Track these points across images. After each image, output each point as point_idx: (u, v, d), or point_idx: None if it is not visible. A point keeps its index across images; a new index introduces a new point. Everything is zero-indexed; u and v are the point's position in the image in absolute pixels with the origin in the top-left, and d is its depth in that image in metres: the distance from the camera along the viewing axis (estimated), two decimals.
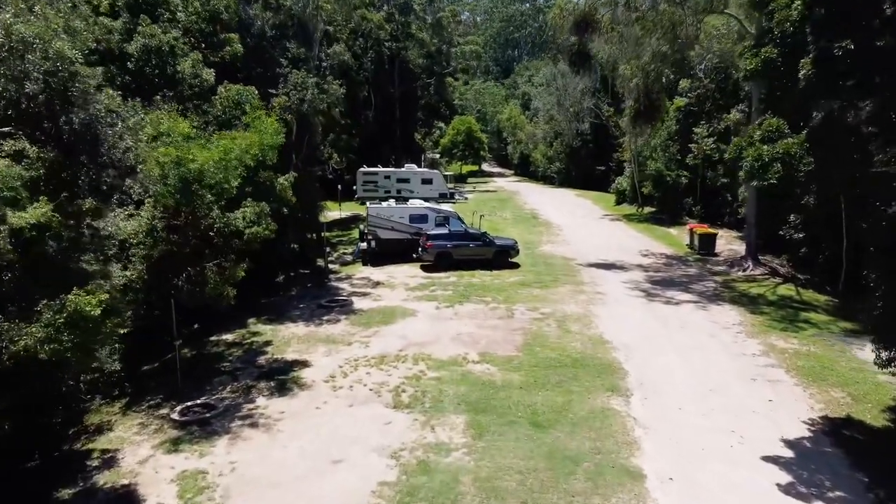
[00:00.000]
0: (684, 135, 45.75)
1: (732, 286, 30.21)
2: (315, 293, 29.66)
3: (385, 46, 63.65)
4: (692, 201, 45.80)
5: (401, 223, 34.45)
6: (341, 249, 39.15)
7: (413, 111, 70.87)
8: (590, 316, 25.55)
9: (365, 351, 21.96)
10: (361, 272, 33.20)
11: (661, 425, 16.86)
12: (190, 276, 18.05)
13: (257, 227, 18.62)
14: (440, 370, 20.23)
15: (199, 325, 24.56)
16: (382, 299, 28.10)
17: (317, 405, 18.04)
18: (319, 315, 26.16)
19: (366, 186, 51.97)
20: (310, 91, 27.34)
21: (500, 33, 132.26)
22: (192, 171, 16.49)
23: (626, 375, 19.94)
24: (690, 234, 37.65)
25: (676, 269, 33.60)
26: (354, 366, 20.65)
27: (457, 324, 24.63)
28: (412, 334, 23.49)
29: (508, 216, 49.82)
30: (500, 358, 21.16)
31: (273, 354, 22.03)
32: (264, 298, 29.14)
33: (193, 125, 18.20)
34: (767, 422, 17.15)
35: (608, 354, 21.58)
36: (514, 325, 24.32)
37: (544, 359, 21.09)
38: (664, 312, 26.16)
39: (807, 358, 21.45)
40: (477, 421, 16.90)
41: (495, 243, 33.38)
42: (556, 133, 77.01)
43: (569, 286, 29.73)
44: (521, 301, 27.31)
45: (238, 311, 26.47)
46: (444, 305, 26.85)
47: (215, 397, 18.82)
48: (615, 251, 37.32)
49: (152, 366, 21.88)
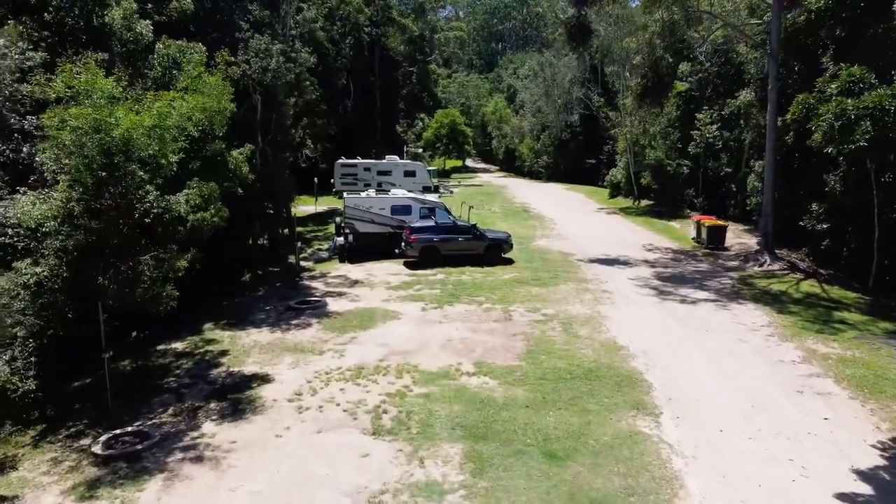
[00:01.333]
0: (685, 122, 42.85)
1: (751, 283, 27.18)
2: (285, 293, 26.15)
3: (364, 32, 60.15)
4: (694, 192, 42.86)
5: (381, 215, 31.02)
6: (316, 245, 35.63)
7: (395, 101, 67.41)
8: (598, 318, 22.34)
9: (339, 361, 18.53)
10: (338, 270, 29.73)
11: (703, 453, 13.66)
12: (119, 273, 14.50)
13: (204, 212, 15.10)
14: (429, 385, 16.87)
15: (143, 332, 20.98)
16: (361, 300, 24.67)
17: (277, 432, 14.59)
18: (287, 319, 22.67)
19: (344, 179, 48.51)
20: (274, 59, 23.79)
21: (484, 26, 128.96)
22: (117, 139, 12.97)
23: (650, 389, 16.72)
24: (697, 227, 34.66)
25: (686, 264, 30.53)
26: (326, 380, 17.21)
27: (447, 328, 21.30)
28: (395, 341, 20.12)
29: (497, 210, 46.59)
30: (500, 369, 17.85)
31: (229, 367, 18.51)
32: (226, 300, 25.61)
33: (123, 84, 14.69)
34: (830, 446, 14.02)
35: (626, 363, 18.37)
36: (514, 329, 21.04)
37: (552, 369, 17.80)
38: (681, 313, 23.05)
39: (854, 365, 18.40)
40: (476, 451, 13.57)
41: (487, 237, 30.09)
42: (544, 126, 73.97)
43: (571, 284, 26.51)
44: (518, 301, 24.04)
45: (194, 314, 23.02)
46: (431, 306, 23.50)
47: (152, 422, 15.28)
48: (616, 246, 34.22)
49: (83, 382, 18.27)
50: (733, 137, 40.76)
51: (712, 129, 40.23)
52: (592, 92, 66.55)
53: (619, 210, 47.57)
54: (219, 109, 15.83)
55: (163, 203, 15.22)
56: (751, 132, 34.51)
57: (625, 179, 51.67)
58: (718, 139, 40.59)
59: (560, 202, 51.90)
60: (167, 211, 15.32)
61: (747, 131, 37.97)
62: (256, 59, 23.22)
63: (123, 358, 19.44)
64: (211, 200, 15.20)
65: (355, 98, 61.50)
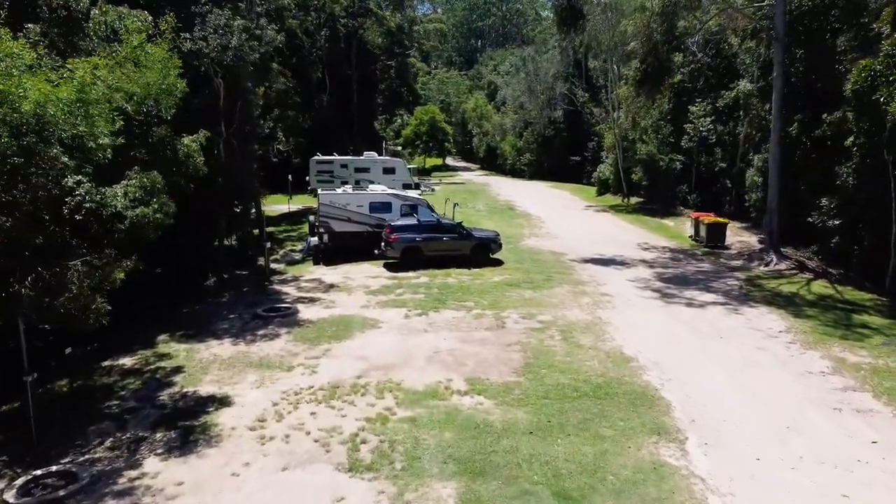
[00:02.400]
0: (677, 115, 41.01)
1: (759, 283, 25.25)
2: (252, 299, 23.62)
3: (340, 23, 57.59)
4: (687, 189, 41.01)
5: (359, 213, 28.58)
6: (289, 246, 33.08)
7: (372, 96, 64.84)
8: (600, 324, 20.19)
9: (310, 379, 16.11)
10: (311, 273, 27.24)
11: (743, 488, 11.49)
12: (40, 280, 11.96)
13: (145, 207, 12.60)
14: (414, 406, 14.54)
15: (87, 345, 18.38)
16: (336, 306, 22.25)
17: (234, 469, 12.15)
18: (253, 329, 20.18)
19: (320, 176, 45.90)
20: (236, 37, 21.23)
21: (463, 22, 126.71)
22: (27, 115, 10.46)
23: (669, 408, 14.57)
24: (696, 225, 32.75)
25: (686, 264, 28.55)
26: (294, 402, 14.80)
27: (433, 337, 18.98)
28: (375, 353, 17.75)
29: (482, 208, 44.38)
30: (496, 386, 15.58)
31: (183, 386, 16.00)
32: (187, 307, 23.04)
33: (41, 51, 12.17)
34: (887, 477, 11.95)
35: (637, 377, 16.20)
36: (508, 339, 18.79)
37: (555, 386, 15.57)
38: (689, 317, 21.00)
39: (891, 377, 16.44)
40: (474, 492, 11.26)
41: (474, 236, 27.80)
42: (527, 122, 71.97)
43: (566, 286, 24.34)
44: (511, 306, 21.80)
45: (149, 323, 20.49)
46: (415, 313, 21.17)
47: (84, 458, 12.75)
48: (610, 245, 32.16)
49: (12, 406, 15.62)
50: (727, 131, 39.03)
51: (706, 122, 38.42)
52: (577, 87, 64.71)
53: (608, 208, 45.61)
54: (166, 87, 13.34)
55: (97, 196, 12.70)
56: (749, 124, 32.67)
57: (613, 176, 49.77)
58: (712, 133, 38.79)
59: (546, 200, 49.83)
60: (102, 206, 12.79)
61: (743, 124, 36.24)
62: (215, 37, 20.65)
63: (61, 377, 16.85)
64: (154, 193, 12.69)
65: (331, 92, 58.87)
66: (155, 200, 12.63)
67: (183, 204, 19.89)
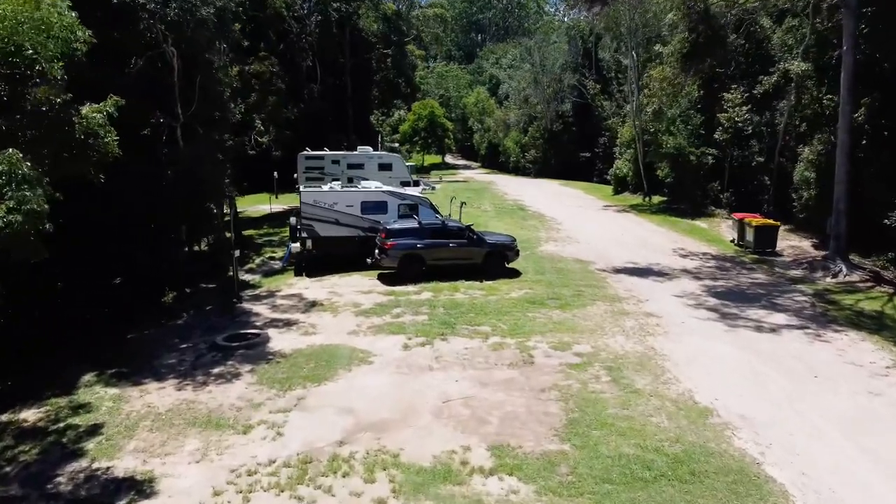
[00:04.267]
0: (708, 104, 36.49)
1: (832, 300, 20.78)
2: (214, 322, 19.10)
3: (332, 9, 53.00)
4: (719, 186, 36.47)
5: (349, 214, 24.05)
6: (269, 252, 28.52)
7: (368, 87, 60.21)
8: (656, 357, 15.70)
9: (273, 447, 11.59)
10: (291, 286, 22.71)
11: None
12: None
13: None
14: (419, 495, 10.05)
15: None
16: (317, 332, 17.72)
17: None
18: (208, 365, 15.63)
19: (309, 173, 41.24)
20: None
21: (463, 15, 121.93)
22: None
23: (785, 497, 10.09)
24: (740, 227, 28.24)
25: (737, 274, 24.04)
26: (246, 491, 10.27)
27: (441, 378, 14.48)
28: (364, 404, 13.24)
29: (489, 208, 39.83)
30: (533, 460, 11.07)
31: (94, 459, 11.45)
32: (133, 331, 18.54)
33: None
34: None
35: (726, 443, 11.70)
36: (540, 381, 14.28)
37: (616, 458, 11.07)
38: (765, 347, 16.50)
39: None
40: None
41: (486, 241, 23.24)
42: (532, 117, 67.37)
43: (602, 304, 19.85)
44: (537, 332, 17.29)
45: (78, 355, 16.04)
46: (416, 342, 16.65)
47: None
48: (641, 251, 27.67)
49: None
50: (766, 121, 34.55)
51: (742, 111, 33.91)
52: (587, 78, 60.15)
53: (629, 207, 41.06)
54: (42, 21, 8.80)
55: None
56: (804, 110, 28.18)
57: (632, 173, 45.20)
58: (749, 123, 34.29)
59: (558, 199, 45.31)
60: None
61: (783, 113, 31.83)
62: None
63: None
64: (15, 181, 8.11)
65: (323, 82, 54.23)
66: (12, 192, 8.06)
67: (104, 201, 15.43)
